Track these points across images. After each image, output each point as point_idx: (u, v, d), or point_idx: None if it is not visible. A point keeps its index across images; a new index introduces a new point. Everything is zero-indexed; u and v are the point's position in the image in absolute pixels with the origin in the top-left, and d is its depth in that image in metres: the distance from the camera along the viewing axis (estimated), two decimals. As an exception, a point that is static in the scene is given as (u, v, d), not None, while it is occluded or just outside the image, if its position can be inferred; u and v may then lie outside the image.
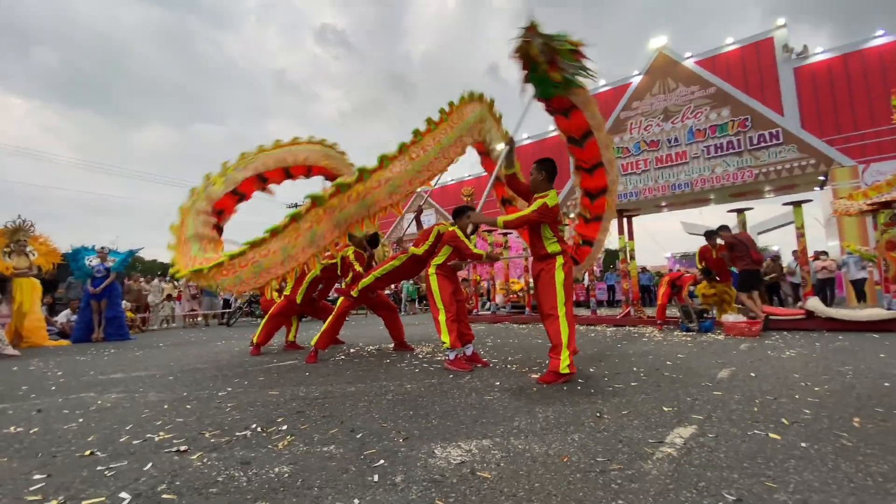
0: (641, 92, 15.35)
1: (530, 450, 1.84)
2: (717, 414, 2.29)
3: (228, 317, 12.29)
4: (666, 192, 14.68)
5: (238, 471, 1.70)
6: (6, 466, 1.84)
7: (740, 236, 6.76)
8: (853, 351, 4.27)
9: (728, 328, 5.89)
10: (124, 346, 7.11)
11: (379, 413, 2.47)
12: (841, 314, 6.12)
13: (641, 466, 1.64)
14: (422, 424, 2.23)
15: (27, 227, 7.96)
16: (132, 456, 1.90)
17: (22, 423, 2.52)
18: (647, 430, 2.05)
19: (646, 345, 5.10)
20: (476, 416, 2.37)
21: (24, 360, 5.56)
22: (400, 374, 3.69)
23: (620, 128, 15.63)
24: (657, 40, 15.18)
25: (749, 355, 4.19)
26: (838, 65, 12.41)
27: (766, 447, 1.80)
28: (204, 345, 6.77)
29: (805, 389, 2.77)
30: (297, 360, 4.63)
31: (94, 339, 7.83)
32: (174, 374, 4.07)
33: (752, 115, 13.25)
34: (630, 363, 3.89)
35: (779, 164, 12.78)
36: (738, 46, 13.91)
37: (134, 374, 4.11)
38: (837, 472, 1.55)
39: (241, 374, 3.89)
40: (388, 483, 1.55)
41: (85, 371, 4.43)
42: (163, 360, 5.05)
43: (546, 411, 2.41)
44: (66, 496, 1.53)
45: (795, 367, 3.52)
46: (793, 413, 2.26)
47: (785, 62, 13.05)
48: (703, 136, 14.08)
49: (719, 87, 13.86)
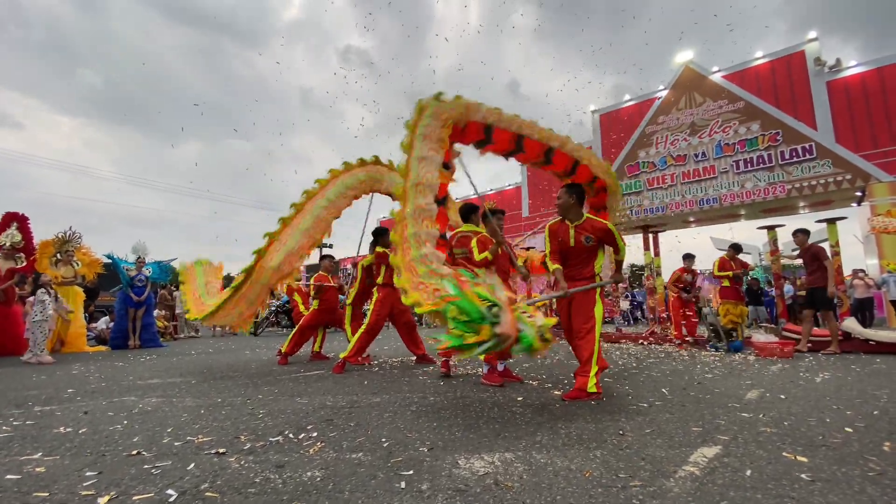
0: (667, 106, 15.21)
1: (552, 464, 1.88)
2: (743, 435, 2.27)
3: (255, 326, 12.62)
4: (693, 207, 14.40)
5: (273, 473, 1.79)
6: (59, 464, 1.99)
7: (815, 248, 6.16)
8: (890, 374, 4.12)
9: (759, 348, 5.74)
10: (159, 353, 7.41)
11: (404, 424, 2.54)
12: (879, 336, 5.89)
13: (664, 484, 1.66)
14: (445, 436, 2.29)
15: (75, 239, 8.45)
16: (175, 456, 2.03)
17: (71, 423, 2.70)
18: (670, 449, 2.05)
19: (672, 364, 5.02)
20: (499, 429, 2.41)
21: (66, 364, 5.87)
22: (423, 386, 3.76)
23: (646, 142, 15.49)
24: (683, 55, 15.08)
25: (780, 377, 4.09)
26: (873, 78, 12.08)
27: (792, 469, 1.79)
28: (233, 353, 6.99)
29: (836, 413, 2.71)
30: (323, 371, 4.76)
31: (130, 346, 8.19)
32: (208, 380, 4.25)
33: (784, 130, 12.95)
34: (655, 382, 3.86)
35: (812, 180, 12.41)
36: (767, 60, 13.70)
37: (170, 380, 4.30)
38: (863, 495, 1.53)
39: (270, 383, 4.03)
40: (414, 490, 1.62)
41: (124, 376, 4.65)
42: (196, 368, 5.26)
43: (568, 427, 2.44)
44: (117, 492, 1.65)
45: (828, 391, 3.43)
46: (822, 436, 2.22)
47: (817, 76, 12.77)
48: (731, 150, 13.81)
49: (748, 102, 13.63)
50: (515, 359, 5.22)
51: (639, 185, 15.57)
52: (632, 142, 15.69)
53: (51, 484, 1.74)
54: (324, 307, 5.71)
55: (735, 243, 6.94)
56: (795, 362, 5.09)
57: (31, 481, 1.76)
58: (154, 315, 8.93)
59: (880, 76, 11.99)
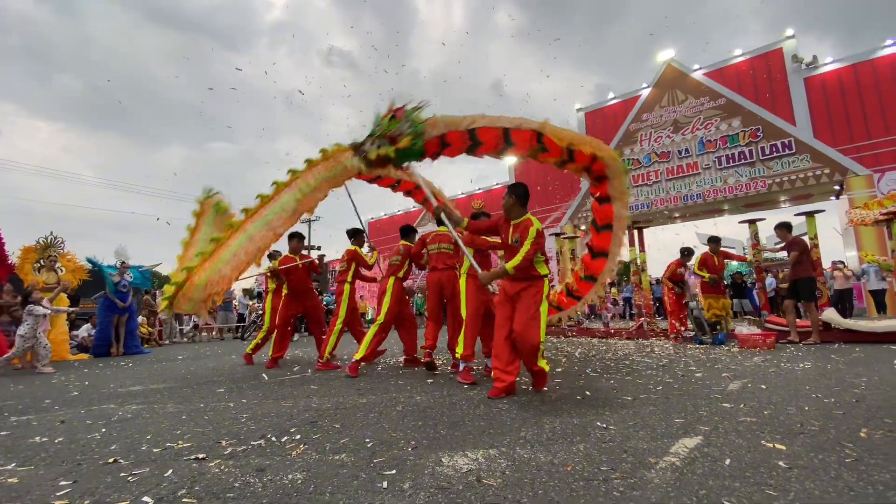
0: (651, 104, 15.41)
1: (535, 459, 1.88)
2: (724, 425, 2.30)
3: (242, 330, 12.48)
4: (678, 203, 14.61)
5: (254, 477, 1.77)
6: (33, 474, 1.94)
7: (797, 240, 6.28)
8: (868, 363, 4.21)
9: (742, 340, 5.83)
10: (142, 359, 7.28)
11: (389, 424, 2.53)
12: (858, 325, 6.02)
13: (644, 475, 1.67)
14: (430, 434, 2.28)
15: (58, 244, 8.26)
16: (153, 463, 1.99)
17: (47, 433, 2.63)
18: (652, 441, 2.07)
19: (658, 358, 5.08)
20: (483, 426, 2.41)
21: (49, 374, 5.73)
22: (410, 386, 3.75)
23: (630, 140, 15.67)
24: (665, 53, 15.29)
25: (762, 368, 4.16)
26: (849, 74, 12.36)
27: (770, 457, 1.82)
28: (219, 358, 6.90)
29: (815, 401, 2.76)
30: (308, 373, 4.72)
31: (113, 353, 8.03)
32: (191, 386, 4.18)
33: (764, 126, 13.21)
34: (640, 376, 3.90)
35: (792, 174, 12.67)
36: (747, 58, 13.94)
37: (152, 387, 4.22)
38: (839, 481, 1.56)
39: (255, 387, 3.98)
40: (396, 489, 1.61)
41: (105, 384, 4.56)
42: (179, 373, 5.18)
43: (553, 422, 2.45)
44: (91, 501, 1.61)
45: (808, 379, 3.50)
46: (801, 424, 2.26)
47: (795, 72, 13.03)
48: (714, 146, 14.04)
49: (729, 98, 13.86)
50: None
51: (624, 182, 15.72)
52: (616, 139, 15.86)
53: (23, 494, 1.69)
54: (294, 291, 5.47)
55: (714, 236, 7.05)
56: (777, 353, 5.19)
57: (2, 492, 1.72)
58: (137, 321, 8.77)
59: (855, 73, 12.28)
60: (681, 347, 6.05)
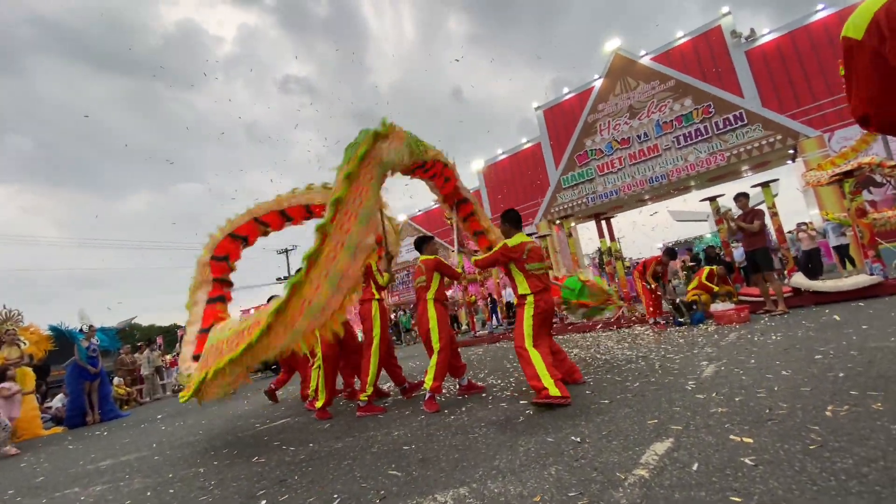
0: (605, 94, 15.68)
1: (506, 493, 1.82)
2: (695, 421, 2.27)
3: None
4: (645, 186, 14.84)
5: (207, 563, 1.66)
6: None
7: (755, 211, 6.26)
8: (838, 326, 4.28)
9: (718, 317, 5.89)
10: (119, 424, 6.98)
11: (361, 471, 2.43)
12: (826, 286, 6.15)
13: (612, 496, 1.62)
14: (401, 479, 2.20)
15: (13, 317, 7.90)
16: (104, 561, 1.85)
17: (1, 534, 2.46)
18: (624, 451, 2.03)
19: (638, 347, 5.07)
20: (458, 459, 2.34)
21: (17, 457, 5.43)
22: (389, 419, 3.65)
23: (590, 131, 15.91)
24: (611, 43, 15.59)
25: (736, 345, 4.18)
26: (786, 42, 12.79)
27: (737, 454, 1.79)
28: (199, 413, 6.65)
29: (784, 379, 2.76)
30: (289, 419, 4.56)
31: (89, 421, 7.69)
32: (163, 452, 4.00)
33: (714, 101, 13.55)
34: (618, 371, 3.87)
35: (748, 144, 13.00)
36: (689, 38, 14.33)
37: (123, 459, 4.03)
38: (803, 474, 1.54)
39: (230, 444, 3.83)
40: (356, 555, 1.52)
41: (74, 462, 4.33)
42: (155, 438, 4.96)
43: (528, 443, 2.39)
44: None
45: (778, 353, 3.52)
46: (769, 409, 2.25)
47: (735, 47, 13.43)
48: (670, 127, 14.34)
49: (678, 80, 14.20)
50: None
51: (590, 172, 15.94)
52: (577, 132, 16.07)
53: None
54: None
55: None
56: (751, 326, 5.25)
57: None
58: (110, 386, 8.43)
59: (792, 40, 12.71)
60: (661, 333, 6.07)
